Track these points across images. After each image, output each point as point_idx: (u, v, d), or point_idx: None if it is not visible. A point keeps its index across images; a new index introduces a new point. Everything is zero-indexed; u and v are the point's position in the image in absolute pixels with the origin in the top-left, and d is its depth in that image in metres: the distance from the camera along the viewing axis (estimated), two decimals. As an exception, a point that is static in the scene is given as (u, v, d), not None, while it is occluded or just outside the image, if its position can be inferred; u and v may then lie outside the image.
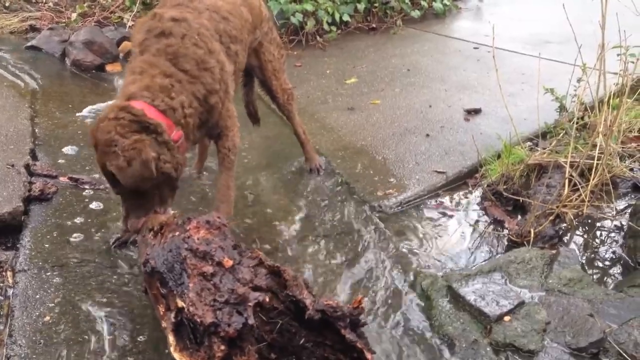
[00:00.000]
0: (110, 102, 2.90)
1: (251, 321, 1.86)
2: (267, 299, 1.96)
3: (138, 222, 2.52)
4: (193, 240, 2.07)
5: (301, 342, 2.03)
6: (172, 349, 2.01)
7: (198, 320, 1.87)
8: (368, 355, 1.98)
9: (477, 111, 4.65)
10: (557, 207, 3.18)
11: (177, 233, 2.14)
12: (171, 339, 2.03)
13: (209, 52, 2.74)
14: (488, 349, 2.38)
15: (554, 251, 2.94)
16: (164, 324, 2.13)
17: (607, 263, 3.08)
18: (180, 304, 2.00)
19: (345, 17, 6.80)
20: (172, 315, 2.03)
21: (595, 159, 3.27)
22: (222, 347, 1.84)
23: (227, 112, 2.92)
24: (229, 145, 2.97)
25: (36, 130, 4.22)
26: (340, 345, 2.02)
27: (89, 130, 2.54)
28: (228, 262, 2.00)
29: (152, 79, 2.58)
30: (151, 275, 2.15)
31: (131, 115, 2.44)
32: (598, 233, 3.30)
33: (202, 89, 2.70)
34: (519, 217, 3.40)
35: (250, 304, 1.89)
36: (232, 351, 1.87)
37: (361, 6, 7.03)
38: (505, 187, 3.51)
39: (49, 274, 2.76)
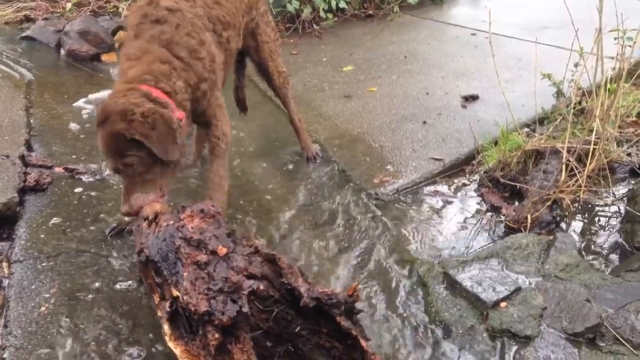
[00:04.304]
0: (107, 91, 2.88)
1: (245, 309, 1.85)
2: (262, 287, 1.95)
3: (140, 202, 2.46)
4: (187, 229, 2.06)
5: (297, 329, 2.03)
6: (167, 338, 2.01)
7: (192, 309, 1.86)
8: (363, 343, 1.97)
9: (474, 98, 4.62)
10: (554, 192, 3.17)
11: (171, 222, 2.12)
12: (166, 328, 2.03)
13: (201, 43, 2.80)
14: (484, 334, 2.39)
15: (550, 237, 2.94)
16: (159, 313, 2.12)
17: (604, 248, 3.08)
18: (175, 293, 1.99)
19: (342, 4, 6.74)
20: (167, 304, 2.02)
21: (592, 144, 3.26)
22: (217, 336, 1.83)
23: (215, 100, 2.97)
24: (218, 134, 2.99)
25: (31, 120, 4.19)
26: (336, 332, 2.02)
27: (97, 109, 2.52)
28: (222, 251, 1.99)
29: (150, 65, 2.62)
30: (146, 265, 2.14)
31: (141, 92, 2.50)
32: (595, 218, 3.30)
33: (194, 76, 2.75)
34: (516, 203, 3.39)
35: (244, 292, 1.88)
36: (227, 339, 1.87)
37: (358, -7, 6.99)
38: (502, 173, 3.50)
39: (44, 264, 2.76)
